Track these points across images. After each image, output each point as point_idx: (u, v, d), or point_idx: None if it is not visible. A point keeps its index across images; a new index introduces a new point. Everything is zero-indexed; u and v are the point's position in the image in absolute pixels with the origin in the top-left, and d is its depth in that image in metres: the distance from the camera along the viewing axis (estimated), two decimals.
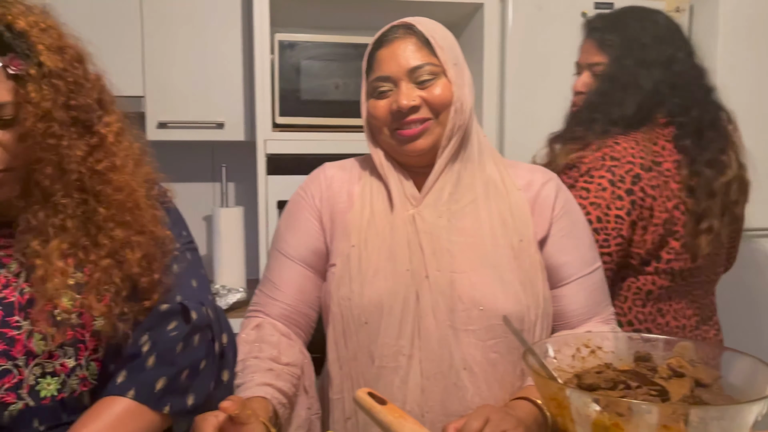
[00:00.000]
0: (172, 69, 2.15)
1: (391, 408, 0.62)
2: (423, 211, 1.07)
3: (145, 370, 0.89)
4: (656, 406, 0.74)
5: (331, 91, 2.07)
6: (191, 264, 1.02)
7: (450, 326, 1.02)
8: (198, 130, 2.19)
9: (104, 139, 0.91)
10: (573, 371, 0.90)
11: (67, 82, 0.86)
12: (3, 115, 0.83)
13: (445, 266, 1.04)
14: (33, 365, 0.88)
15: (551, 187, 1.12)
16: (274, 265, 1.15)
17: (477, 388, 1.03)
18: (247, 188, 2.50)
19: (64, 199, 0.87)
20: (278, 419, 0.98)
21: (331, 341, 1.08)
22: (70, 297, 0.89)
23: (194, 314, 0.94)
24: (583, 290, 1.11)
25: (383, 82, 1.07)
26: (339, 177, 1.16)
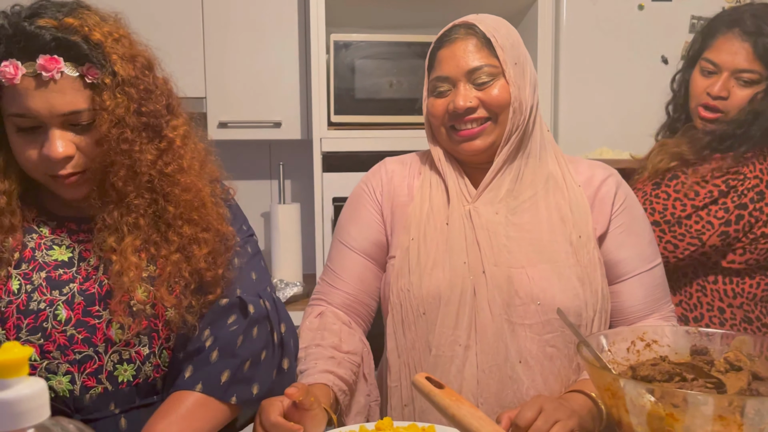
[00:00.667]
0: (231, 71, 2.23)
1: (448, 392, 0.65)
2: (479, 207, 1.09)
3: (210, 364, 0.94)
4: (712, 396, 0.74)
5: (385, 89, 2.10)
6: (251, 257, 1.07)
7: (507, 320, 1.04)
8: (256, 129, 2.26)
9: (172, 143, 0.96)
10: (628, 364, 0.91)
11: (139, 90, 0.91)
12: (81, 120, 0.89)
13: (502, 262, 1.05)
14: (111, 352, 0.95)
15: (611, 183, 1.12)
16: (336, 255, 1.19)
17: (532, 381, 1.04)
18: (303, 185, 2.57)
19: (137, 200, 0.93)
20: (339, 405, 1.02)
21: (390, 331, 1.12)
22: (144, 289, 0.95)
23: (251, 308, 0.99)
24: (641, 286, 1.11)
25: (442, 82, 1.09)
26: (399, 171, 1.19)
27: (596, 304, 1.06)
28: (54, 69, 0.85)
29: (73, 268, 0.96)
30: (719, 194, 1.35)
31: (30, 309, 0.92)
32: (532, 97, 1.10)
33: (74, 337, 0.93)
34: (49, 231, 0.98)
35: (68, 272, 0.95)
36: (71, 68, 0.86)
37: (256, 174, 2.58)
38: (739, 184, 1.34)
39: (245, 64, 2.23)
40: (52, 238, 0.97)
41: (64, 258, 0.96)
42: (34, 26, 0.85)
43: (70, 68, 0.86)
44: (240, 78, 2.23)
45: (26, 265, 0.94)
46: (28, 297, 0.92)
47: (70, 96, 0.87)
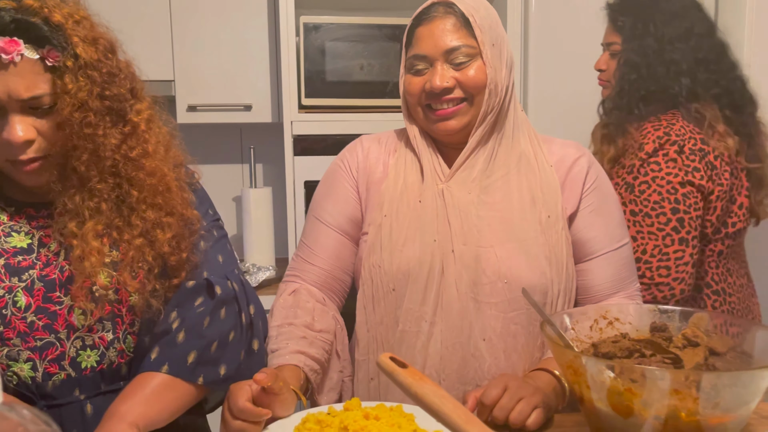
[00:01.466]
0: (200, 53, 2.20)
1: (411, 371, 0.66)
2: (452, 186, 1.10)
3: (176, 345, 0.93)
4: (669, 372, 0.76)
5: (356, 72, 2.09)
6: (217, 240, 1.07)
7: (472, 299, 1.06)
8: (226, 113, 2.24)
9: (136, 127, 0.95)
10: (590, 341, 0.93)
11: (101, 73, 0.89)
12: (41, 104, 0.87)
13: (471, 241, 1.07)
14: (74, 338, 0.94)
15: (583, 162, 1.14)
16: (311, 231, 1.19)
17: (495, 358, 1.06)
18: (274, 169, 2.56)
19: (99, 184, 0.92)
20: (310, 385, 1.03)
21: (360, 306, 1.13)
22: (107, 274, 0.94)
23: (218, 289, 0.98)
24: (609, 265, 1.13)
25: (419, 60, 1.09)
26: (375, 149, 1.19)
27: (561, 283, 1.08)
28: (13, 51, 0.82)
29: (32, 255, 0.94)
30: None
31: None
32: (508, 78, 1.10)
33: (35, 323, 0.92)
34: (7, 217, 0.96)
35: (27, 259, 0.94)
36: (31, 51, 0.84)
37: (227, 158, 2.56)
38: None
39: (214, 47, 2.20)
40: (11, 224, 0.96)
41: (23, 245, 0.95)
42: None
43: (30, 51, 0.84)
44: (209, 61, 2.20)
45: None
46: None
47: (30, 79, 0.85)
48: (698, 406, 0.74)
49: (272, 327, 1.08)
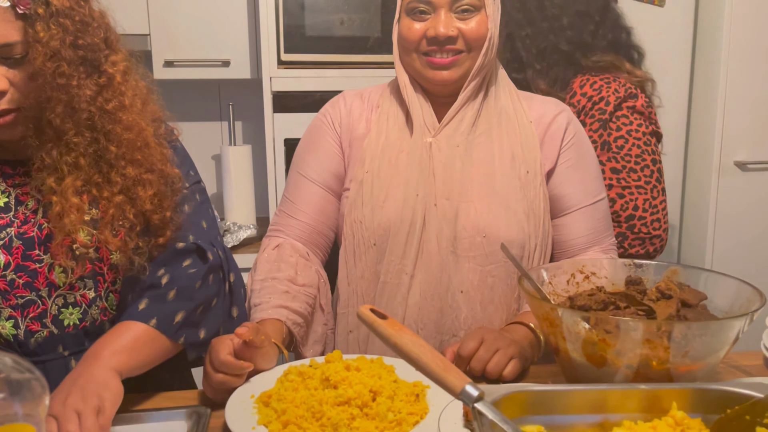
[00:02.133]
0: (176, 6, 2.14)
1: (391, 322, 0.67)
2: (440, 140, 1.10)
3: (166, 302, 0.94)
4: (641, 322, 0.79)
5: (336, 26, 2.05)
6: (200, 204, 1.06)
7: (452, 252, 1.08)
8: (204, 69, 2.19)
9: (112, 79, 0.93)
10: (567, 295, 0.95)
11: (74, 21, 0.87)
12: (13, 54, 0.84)
13: (454, 196, 1.08)
14: (55, 296, 0.94)
15: (562, 119, 1.15)
16: (294, 186, 1.19)
17: (471, 310, 1.09)
18: (254, 126, 2.52)
19: (76, 138, 0.90)
20: (293, 338, 1.04)
21: (342, 260, 1.14)
22: (87, 232, 0.93)
23: (210, 255, 0.99)
24: (585, 220, 1.15)
25: (423, 4, 1.07)
26: (358, 104, 1.19)
27: (539, 237, 1.10)
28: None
29: (9, 213, 0.93)
30: None
31: None
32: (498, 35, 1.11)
33: (15, 281, 0.91)
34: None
35: (5, 217, 0.92)
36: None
37: (205, 115, 2.52)
38: None
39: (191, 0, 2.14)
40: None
41: (0, 204, 0.93)
42: None
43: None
44: (185, 14, 2.14)
45: None
46: None
47: (1, 28, 0.82)
48: (669, 355, 0.77)
49: (255, 281, 1.09)
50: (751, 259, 2.23)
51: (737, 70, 2.13)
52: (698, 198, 2.26)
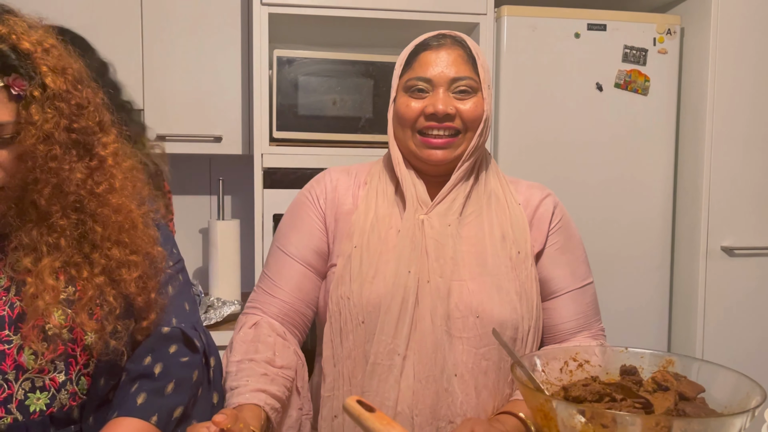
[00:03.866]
0: (171, 82, 2.18)
1: (379, 416, 0.63)
2: (432, 218, 1.09)
3: (165, 397, 0.91)
4: (639, 417, 0.75)
5: (329, 107, 2.09)
6: (183, 285, 1.04)
7: (446, 332, 1.04)
8: (196, 144, 2.21)
9: (104, 162, 0.92)
10: (561, 384, 0.92)
11: (70, 105, 0.86)
12: (2, 134, 0.82)
13: (447, 274, 1.06)
14: (23, 380, 0.88)
15: (549, 202, 1.16)
16: (275, 262, 1.16)
17: (466, 395, 1.04)
18: (243, 201, 2.52)
19: (62, 220, 0.88)
20: (270, 424, 0.99)
21: (327, 339, 1.10)
22: (62, 312, 0.89)
23: (197, 342, 0.96)
24: (573, 303, 1.14)
25: (422, 82, 1.09)
26: (345, 180, 1.18)
27: (532, 320, 1.09)
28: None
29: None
30: None
31: None
32: None
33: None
34: None
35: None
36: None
37: (195, 189, 2.52)
38: None
39: (185, 76, 2.19)
40: None
41: None
42: None
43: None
44: (180, 90, 2.19)
45: None
46: None
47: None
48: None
49: (231, 362, 1.04)
50: (740, 345, 2.20)
51: (721, 155, 2.18)
52: (687, 283, 2.25)
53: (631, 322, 2.20)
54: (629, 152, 2.18)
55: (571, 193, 2.16)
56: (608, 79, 2.15)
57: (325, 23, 2.15)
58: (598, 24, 2.13)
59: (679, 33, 2.19)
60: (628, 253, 2.20)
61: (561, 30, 2.13)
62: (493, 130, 2.15)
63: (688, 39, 2.25)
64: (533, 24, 2.12)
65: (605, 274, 2.17)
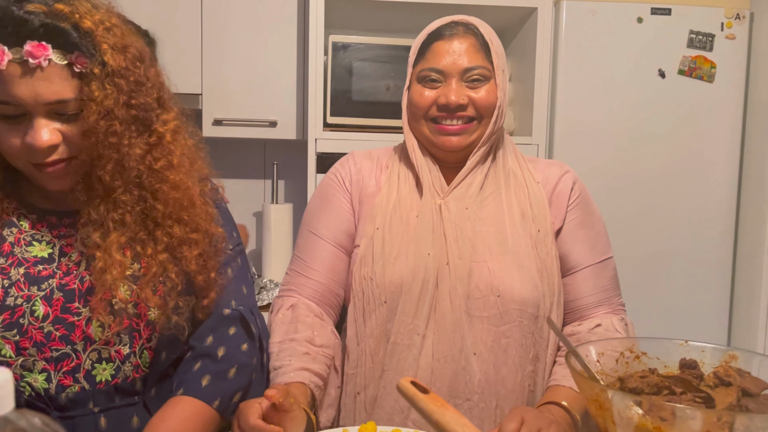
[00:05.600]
0: (229, 68, 2.22)
1: (432, 397, 0.63)
2: (450, 202, 1.10)
3: (227, 380, 0.94)
4: (701, 411, 0.73)
5: (382, 92, 2.09)
6: (241, 269, 1.06)
7: (465, 312, 1.06)
8: (252, 128, 2.25)
9: (162, 138, 0.93)
10: (616, 375, 0.90)
11: (129, 81, 0.87)
12: (67, 110, 0.85)
13: (466, 255, 1.07)
14: (90, 350, 0.92)
15: (568, 179, 1.16)
16: (306, 245, 1.17)
17: (484, 372, 1.06)
18: (296, 185, 2.56)
19: (124, 195, 0.90)
20: (315, 402, 1.01)
21: (351, 319, 1.12)
22: (127, 287, 0.92)
23: (254, 328, 0.99)
24: (592, 278, 1.14)
25: (435, 73, 1.10)
26: (367, 164, 1.20)
27: (553, 296, 1.09)
28: (41, 56, 0.81)
29: (53, 264, 0.93)
30: None
31: (6, 305, 0.88)
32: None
33: (51, 333, 0.90)
34: (29, 225, 0.94)
35: (48, 268, 0.92)
36: (59, 56, 0.82)
37: (250, 173, 2.57)
38: None
39: (243, 62, 2.22)
40: (32, 233, 0.94)
41: (44, 254, 0.93)
42: (23, 11, 0.82)
43: (59, 56, 0.82)
44: (237, 76, 2.22)
45: (4, 260, 0.91)
46: (4, 292, 0.89)
47: (57, 84, 0.83)
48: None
49: (273, 343, 1.06)
50: None
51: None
52: (750, 278, 2.17)
53: (690, 317, 2.13)
54: (693, 141, 2.11)
55: (629, 184, 2.10)
56: (672, 66, 2.08)
57: (381, 8, 2.15)
58: (663, 8, 2.06)
59: (748, 18, 2.09)
60: (688, 246, 2.13)
61: (623, 14, 2.07)
62: (549, 117, 2.11)
63: (758, 24, 2.14)
64: (593, 8, 2.06)
65: (664, 267, 2.11)
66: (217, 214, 1.01)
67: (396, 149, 1.22)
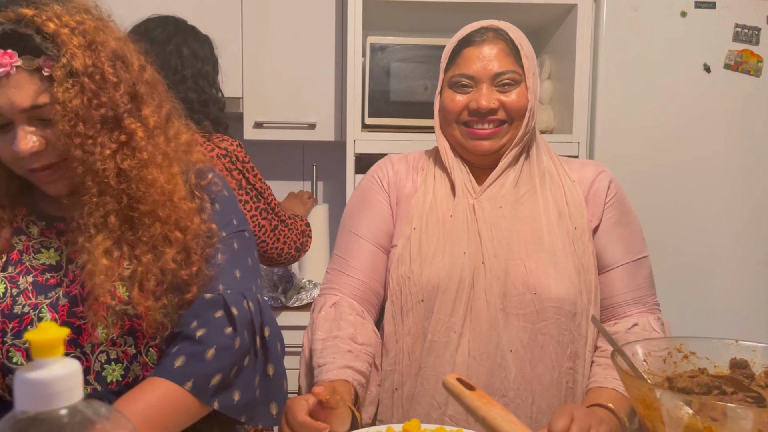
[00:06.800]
0: (268, 71, 2.25)
1: (479, 394, 0.64)
2: (483, 201, 1.12)
3: (204, 362, 0.89)
4: (752, 410, 0.71)
5: (420, 92, 2.10)
6: (237, 253, 1.01)
7: (501, 310, 1.07)
8: (291, 130, 2.28)
9: (133, 135, 0.89)
10: (664, 375, 0.88)
11: (94, 80, 0.85)
12: (44, 115, 0.84)
13: (502, 253, 1.08)
14: (98, 352, 0.92)
15: (604, 178, 1.17)
16: (346, 244, 1.19)
17: (520, 369, 1.07)
18: (335, 186, 2.58)
19: (100, 197, 0.88)
20: (358, 400, 1.02)
21: (389, 317, 1.14)
22: (125, 289, 0.91)
23: (235, 310, 0.93)
24: (628, 276, 1.14)
25: (466, 79, 1.12)
26: (404, 166, 1.23)
27: (590, 293, 1.09)
28: (8, 64, 0.81)
29: (60, 272, 0.93)
30: None
31: (14, 313, 0.90)
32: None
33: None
34: (38, 231, 0.95)
35: (56, 276, 0.93)
36: (27, 62, 0.82)
37: (290, 174, 2.60)
38: None
39: (282, 66, 2.25)
40: (41, 239, 0.95)
41: (52, 262, 0.94)
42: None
43: (26, 62, 0.82)
44: (277, 79, 2.26)
45: (12, 269, 0.92)
46: (12, 300, 0.90)
47: (28, 90, 0.83)
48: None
49: (316, 340, 1.08)
50: None
51: None
52: None
53: (734, 318, 2.08)
54: (739, 137, 2.06)
55: (673, 182, 2.06)
56: (717, 60, 2.03)
57: (418, 9, 2.15)
58: (707, 1, 2.01)
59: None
60: (735, 244, 2.08)
61: (666, 9, 2.03)
62: (590, 115, 2.09)
63: None
64: (635, 4, 2.03)
65: (710, 266, 2.06)
66: (204, 206, 0.98)
67: (429, 152, 1.24)
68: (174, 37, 1.71)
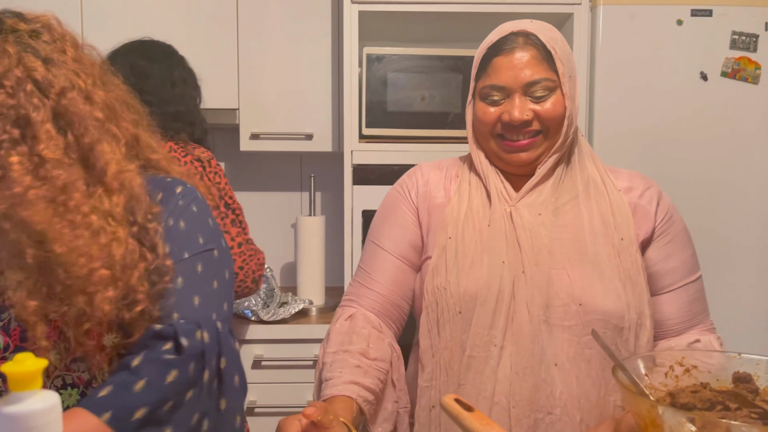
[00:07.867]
0: (265, 82, 2.25)
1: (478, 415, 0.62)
2: (521, 208, 1.08)
3: (131, 393, 0.81)
4: (758, 428, 0.70)
5: (417, 102, 2.09)
6: (200, 276, 0.92)
7: (544, 321, 1.02)
8: (288, 141, 2.27)
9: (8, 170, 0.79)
10: (666, 390, 0.87)
11: None
12: None
13: (543, 262, 1.04)
14: (53, 377, 0.89)
15: (653, 192, 1.12)
16: (370, 256, 1.17)
17: (566, 384, 1.02)
18: (333, 197, 2.57)
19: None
20: (363, 416, 1.00)
21: (424, 330, 1.10)
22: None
23: (185, 341, 0.85)
24: (686, 297, 1.10)
25: (497, 91, 1.07)
26: (435, 175, 1.19)
27: (639, 307, 1.04)
28: None
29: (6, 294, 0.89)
30: None
31: None
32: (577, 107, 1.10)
33: None
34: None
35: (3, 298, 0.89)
36: None
37: (287, 185, 2.59)
38: None
39: (278, 77, 2.24)
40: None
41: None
42: None
43: None
44: (273, 90, 2.25)
45: None
46: None
47: None
48: None
49: (327, 353, 1.05)
50: None
51: None
52: None
53: (738, 330, 2.06)
54: (738, 144, 2.05)
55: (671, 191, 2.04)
56: (714, 68, 2.02)
57: (414, 19, 2.15)
58: (704, 9, 2.01)
59: None
60: (734, 254, 2.06)
61: (662, 17, 2.02)
62: (587, 124, 2.08)
63: None
64: (632, 12, 2.02)
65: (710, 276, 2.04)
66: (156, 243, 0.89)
67: (464, 159, 1.20)
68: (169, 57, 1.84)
